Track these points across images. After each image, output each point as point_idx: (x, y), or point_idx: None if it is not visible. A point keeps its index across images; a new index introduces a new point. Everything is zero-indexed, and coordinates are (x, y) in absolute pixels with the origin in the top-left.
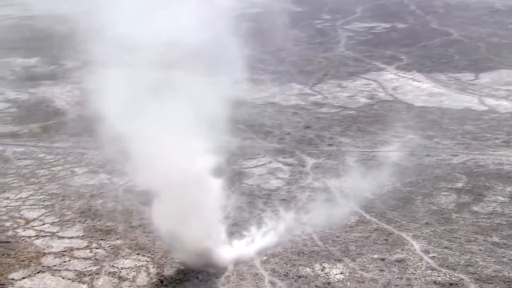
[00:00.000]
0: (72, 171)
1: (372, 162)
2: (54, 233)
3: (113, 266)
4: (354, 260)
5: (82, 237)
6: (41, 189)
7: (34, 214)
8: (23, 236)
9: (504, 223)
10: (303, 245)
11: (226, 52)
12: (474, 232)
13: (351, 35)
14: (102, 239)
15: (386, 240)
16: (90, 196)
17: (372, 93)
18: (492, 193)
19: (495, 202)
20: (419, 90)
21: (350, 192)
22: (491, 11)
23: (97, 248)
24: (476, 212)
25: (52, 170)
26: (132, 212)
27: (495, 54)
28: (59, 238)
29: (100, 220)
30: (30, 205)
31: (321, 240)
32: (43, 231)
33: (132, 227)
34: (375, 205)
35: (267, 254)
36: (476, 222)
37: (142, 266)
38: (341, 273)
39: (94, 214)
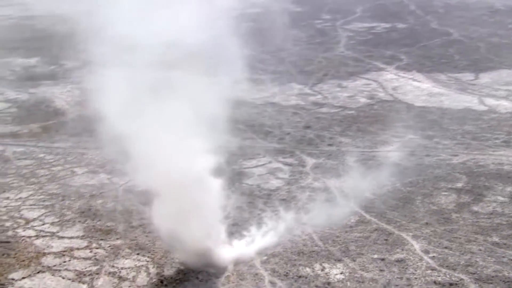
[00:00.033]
0: (72, 171)
1: (372, 162)
2: (54, 233)
3: (113, 266)
4: (354, 260)
5: (82, 237)
6: (41, 189)
7: (34, 214)
8: (23, 236)
9: (504, 223)
10: (303, 245)
11: (226, 52)
12: (474, 232)
13: (351, 35)
14: (102, 239)
15: (386, 240)
16: (90, 196)
17: (372, 93)
18: (492, 193)
19: (495, 202)
20: (419, 90)
21: (350, 192)
22: (491, 11)
23: (97, 248)
24: (476, 212)
25: (52, 170)
26: (132, 212)
27: (495, 54)
28: (59, 238)
29: (100, 220)
30: (30, 205)
31: (321, 240)
32: (43, 231)
33: (132, 227)
34: (375, 205)
35: (267, 254)
36: (476, 222)
37: (142, 266)
38: (341, 273)
39: (94, 214)
